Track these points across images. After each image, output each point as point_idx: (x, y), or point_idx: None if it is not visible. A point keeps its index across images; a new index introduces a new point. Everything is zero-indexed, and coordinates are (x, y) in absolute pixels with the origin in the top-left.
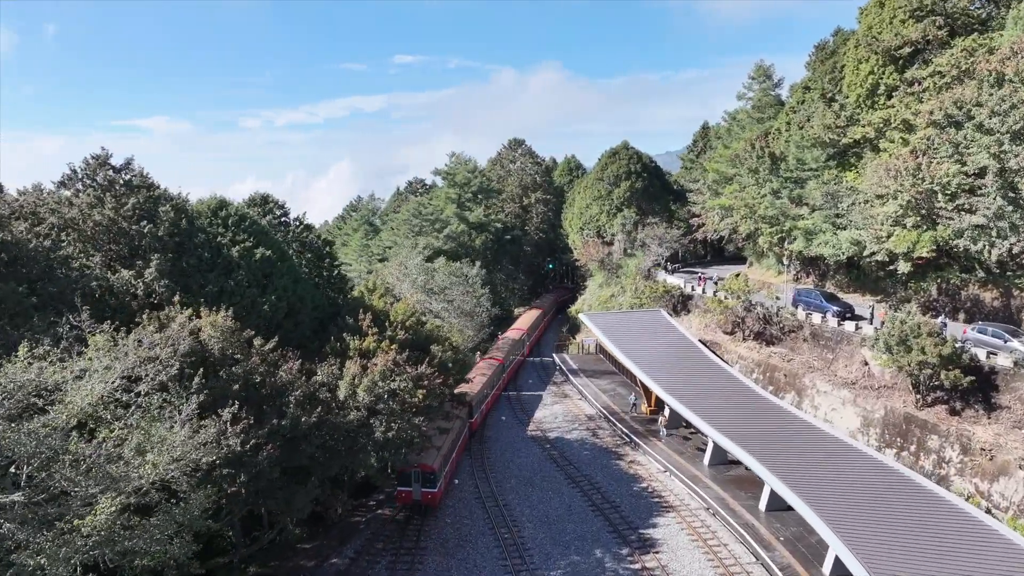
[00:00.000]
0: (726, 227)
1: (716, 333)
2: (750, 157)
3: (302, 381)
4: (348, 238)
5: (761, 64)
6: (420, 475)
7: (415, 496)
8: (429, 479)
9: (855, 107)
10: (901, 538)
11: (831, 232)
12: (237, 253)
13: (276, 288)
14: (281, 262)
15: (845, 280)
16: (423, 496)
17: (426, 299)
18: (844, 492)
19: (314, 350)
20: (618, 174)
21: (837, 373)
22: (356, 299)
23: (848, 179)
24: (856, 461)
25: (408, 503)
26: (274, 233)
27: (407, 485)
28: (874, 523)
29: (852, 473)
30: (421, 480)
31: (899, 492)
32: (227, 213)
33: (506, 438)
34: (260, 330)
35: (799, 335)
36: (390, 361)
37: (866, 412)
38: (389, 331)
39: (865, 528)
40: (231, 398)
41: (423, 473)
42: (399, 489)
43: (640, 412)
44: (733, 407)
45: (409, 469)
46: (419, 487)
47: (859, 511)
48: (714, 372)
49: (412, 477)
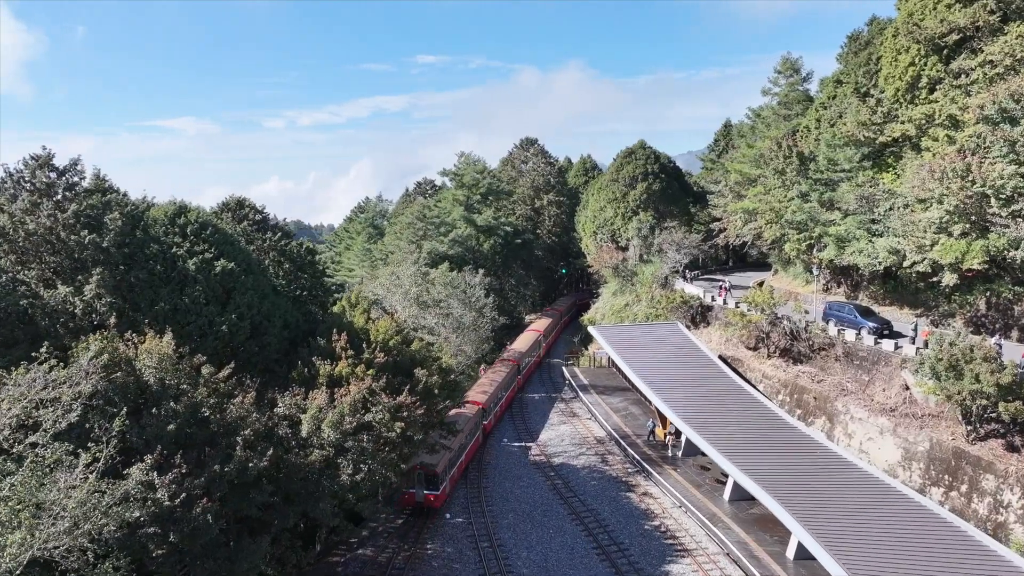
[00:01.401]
0: (749, 232)
1: (738, 348)
2: (776, 157)
3: (255, 417)
4: (352, 241)
5: (788, 57)
6: (423, 477)
7: (417, 498)
8: (432, 481)
9: (893, 102)
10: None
11: (866, 239)
12: (194, 266)
13: (238, 305)
14: (246, 275)
15: (880, 291)
16: (426, 498)
17: (420, 313)
18: (883, 547)
19: (283, 375)
20: (634, 175)
21: (874, 397)
22: (335, 315)
23: (885, 181)
24: (897, 506)
25: (411, 505)
26: (246, 242)
27: (410, 487)
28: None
29: (893, 521)
30: (424, 482)
31: (944, 544)
32: (186, 220)
33: (507, 464)
34: (217, 354)
35: (830, 353)
36: (364, 389)
37: (908, 444)
38: (367, 353)
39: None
40: (165, 440)
41: (426, 475)
42: (403, 491)
43: (656, 438)
44: (756, 437)
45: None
46: (422, 489)
47: (898, 570)
48: (735, 395)
49: (415, 479)
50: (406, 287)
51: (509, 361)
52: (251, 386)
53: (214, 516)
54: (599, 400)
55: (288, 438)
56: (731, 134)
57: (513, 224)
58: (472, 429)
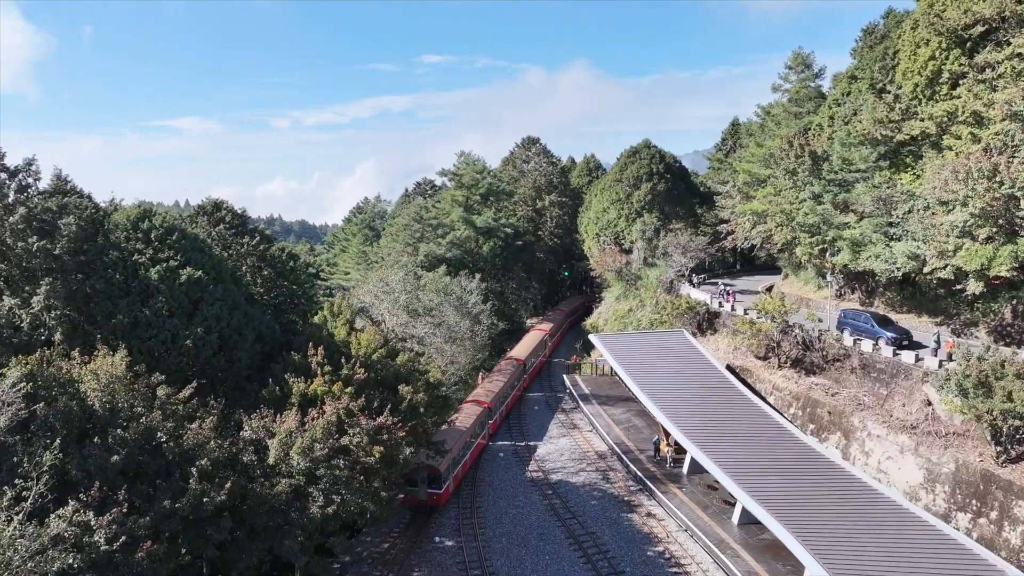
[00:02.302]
0: (758, 235)
1: (747, 357)
2: (787, 156)
3: (215, 443)
4: (348, 244)
5: (800, 52)
6: (426, 476)
7: (420, 496)
8: (435, 480)
9: (911, 98)
10: None
11: (883, 243)
12: (157, 275)
13: (205, 317)
14: (216, 284)
15: (897, 298)
16: (428, 497)
17: (410, 321)
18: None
19: (255, 393)
20: (638, 175)
21: (893, 413)
22: (315, 326)
23: (903, 182)
24: (919, 536)
25: (414, 503)
26: (223, 247)
27: (413, 485)
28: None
29: (914, 554)
30: (427, 481)
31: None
32: (150, 225)
33: (502, 481)
34: (181, 371)
35: (846, 365)
36: (341, 409)
37: (931, 465)
38: (346, 369)
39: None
40: (110, 473)
41: (429, 474)
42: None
43: (661, 454)
44: (766, 456)
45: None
46: (424, 488)
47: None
48: (744, 409)
49: (418, 479)
50: (395, 294)
51: (515, 360)
52: (215, 407)
53: (162, 559)
54: (601, 411)
55: (254, 466)
56: (739, 133)
57: (514, 225)
58: (477, 429)
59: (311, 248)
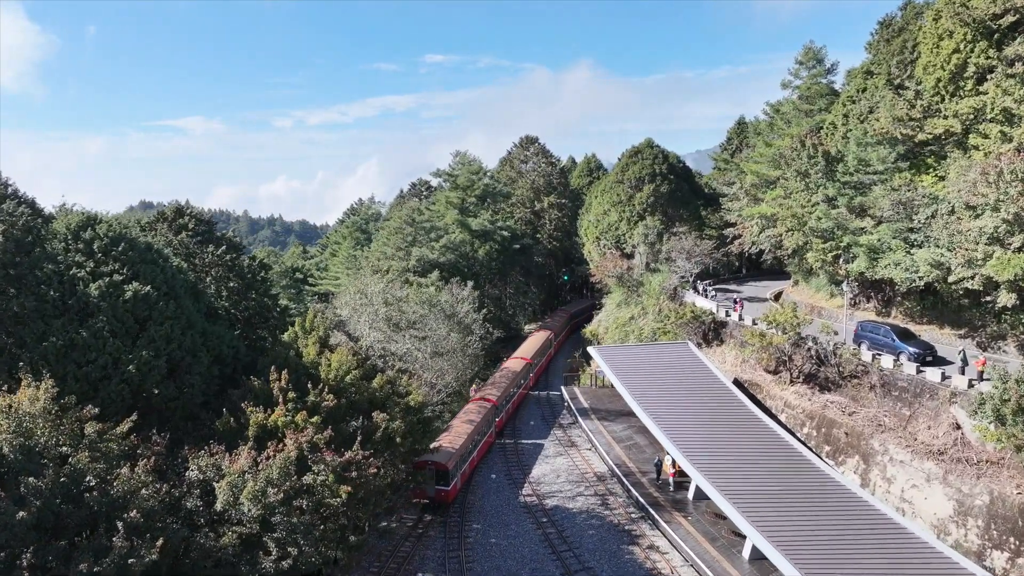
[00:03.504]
0: (767, 240)
1: (756, 371)
2: (799, 157)
3: (152, 489)
4: (338, 247)
5: (811, 47)
6: (434, 473)
7: (429, 493)
8: (443, 477)
9: (933, 94)
10: None
11: (903, 250)
12: (98, 290)
13: (153, 338)
14: (168, 300)
15: (916, 308)
16: (436, 494)
17: (392, 335)
18: None
19: (210, 423)
20: (640, 176)
21: (917, 436)
22: (284, 345)
23: (924, 184)
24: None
25: (423, 499)
26: (186, 256)
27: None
28: None
29: None
30: (435, 478)
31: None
32: (94, 235)
33: (493, 506)
34: (122, 401)
35: (863, 381)
36: (305, 443)
37: (961, 496)
38: (313, 395)
39: None
40: (17, 531)
41: (437, 471)
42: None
43: (664, 476)
44: (778, 485)
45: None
46: (433, 485)
47: None
48: (753, 430)
49: (426, 475)
50: (375, 306)
51: (522, 360)
52: (158, 443)
53: None
54: (600, 428)
55: (199, 512)
56: (746, 132)
57: (511, 228)
58: (484, 426)
59: (304, 250)
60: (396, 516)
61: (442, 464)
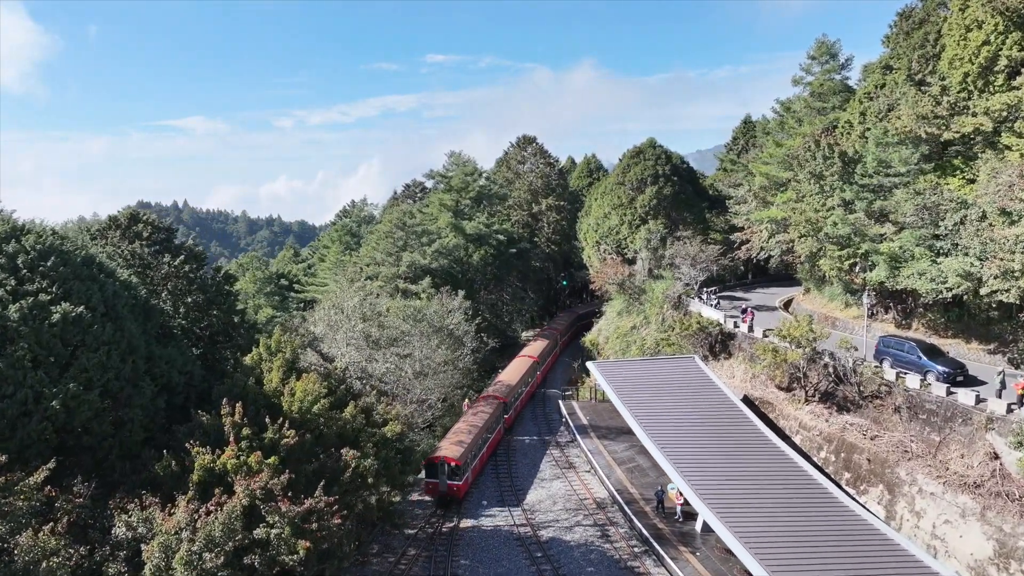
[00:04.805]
0: (778, 246)
1: (767, 388)
2: (812, 158)
3: (64, 556)
4: (327, 251)
5: (824, 41)
6: (446, 468)
7: (441, 488)
8: (455, 472)
9: (960, 90)
10: None
11: (928, 259)
12: (19, 313)
13: (85, 367)
14: (104, 322)
15: (941, 321)
16: (448, 488)
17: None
18: None
19: (153, 464)
20: (642, 177)
21: (949, 466)
22: (246, 369)
23: (951, 187)
24: None
25: (435, 494)
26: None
27: (434, 477)
28: None
29: None
30: (448, 473)
31: None
32: (18, 248)
33: (483, 537)
34: (46, 442)
35: (887, 403)
36: (258, 490)
37: (1002, 535)
38: (271, 432)
39: None
40: None
41: (449, 466)
42: (426, 480)
43: (670, 504)
44: (797, 521)
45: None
46: (445, 479)
47: None
48: (766, 456)
49: (439, 470)
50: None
51: (529, 358)
52: (81, 494)
53: None
54: (600, 447)
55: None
56: (753, 131)
57: (508, 232)
58: (493, 423)
59: (295, 253)
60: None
61: (454, 459)
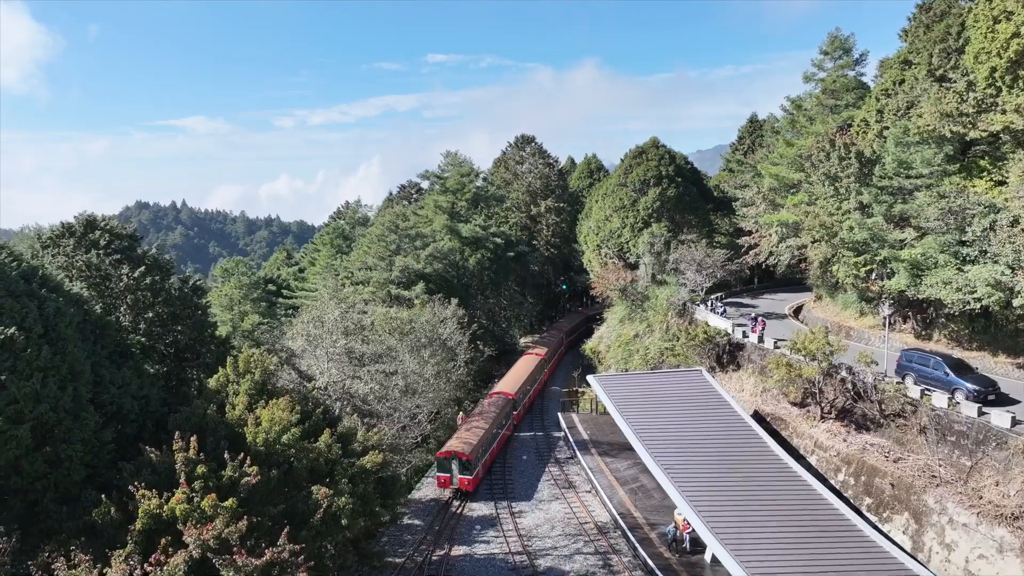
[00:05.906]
0: (788, 251)
1: (779, 403)
2: (827, 158)
3: None
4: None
5: (837, 35)
6: (458, 462)
7: (453, 483)
8: (466, 466)
9: (987, 85)
10: None
11: (953, 267)
12: None
13: (15, 399)
14: (40, 346)
15: (964, 332)
16: (460, 482)
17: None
18: None
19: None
20: (645, 178)
21: (983, 494)
22: (209, 393)
23: (978, 190)
24: None
25: (447, 487)
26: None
27: (446, 471)
28: None
29: None
30: (459, 467)
31: None
32: None
33: (476, 569)
34: None
35: (911, 422)
36: (211, 540)
37: None
38: (231, 469)
39: None
40: None
41: (460, 461)
42: (438, 474)
43: (677, 532)
44: (814, 555)
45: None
46: (457, 474)
47: None
48: (780, 479)
49: (451, 464)
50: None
51: (536, 355)
52: (2, 548)
53: None
54: (601, 465)
55: None
56: (760, 130)
57: (505, 235)
58: (502, 419)
59: (288, 255)
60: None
61: (466, 454)
